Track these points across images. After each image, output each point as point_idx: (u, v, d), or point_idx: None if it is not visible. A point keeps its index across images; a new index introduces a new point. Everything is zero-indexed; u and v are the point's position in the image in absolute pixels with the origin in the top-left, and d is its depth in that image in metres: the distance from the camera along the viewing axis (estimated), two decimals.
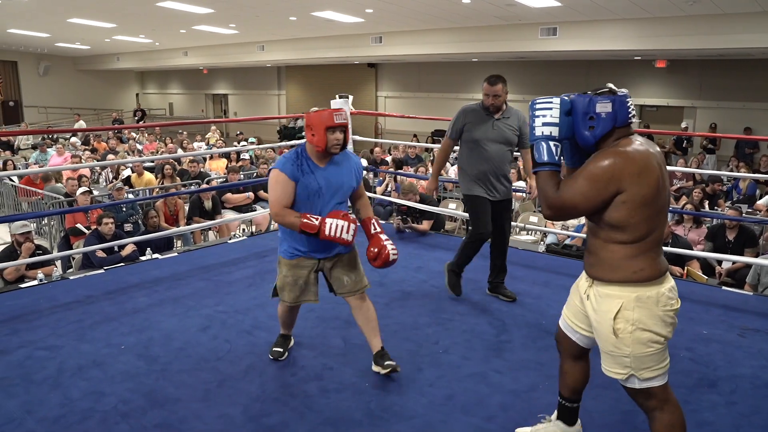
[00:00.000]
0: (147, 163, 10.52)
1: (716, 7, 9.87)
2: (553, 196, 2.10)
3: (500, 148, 4.07)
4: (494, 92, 4.00)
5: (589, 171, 2.03)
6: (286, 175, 2.88)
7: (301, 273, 3.07)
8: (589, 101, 2.11)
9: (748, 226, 6.20)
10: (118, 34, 17.21)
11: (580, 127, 2.14)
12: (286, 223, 2.89)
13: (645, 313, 2.06)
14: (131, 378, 3.08)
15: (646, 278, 2.07)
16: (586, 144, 2.15)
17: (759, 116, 13.55)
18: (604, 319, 2.11)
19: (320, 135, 2.84)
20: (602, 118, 2.09)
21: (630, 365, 2.10)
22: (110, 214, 5.89)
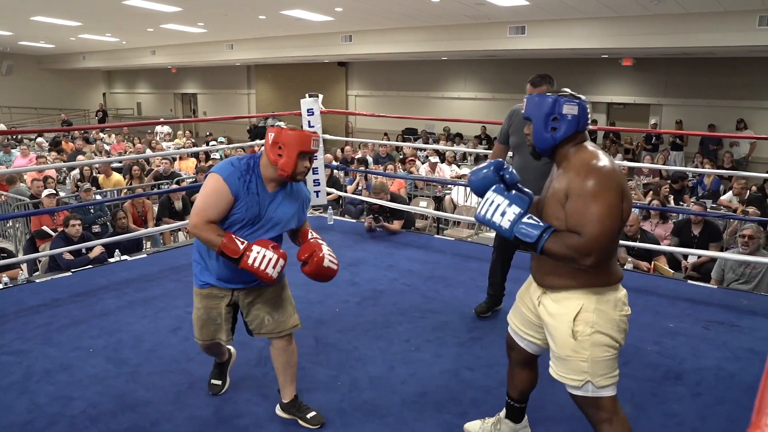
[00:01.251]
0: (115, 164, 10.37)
1: (680, 6, 10.06)
2: (579, 245, 1.92)
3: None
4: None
5: (592, 192, 1.91)
6: (228, 186, 2.36)
7: (215, 305, 2.60)
8: (555, 102, 2.04)
9: (713, 221, 6.33)
10: (84, 32, 16.91)
11: (541, 128, 2.06)
12: (204, 238, 2.38)
13: (603, 317, 2.04)
14: (100, 381, 3.03)
15: (606, 282, 2.05)
16: (544, 146, 2.08)
17: (722, 113, 13.83)
18: (562, 322, 2.07)
19: (291, 158, 2.35)
20: (567, 120, 2.03)
21: (587, 370, 2.05)
22: (77, 215, 5.80)
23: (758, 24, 9.85)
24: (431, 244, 5.71)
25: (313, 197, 6.41)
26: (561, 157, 2.09)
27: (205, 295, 2.59)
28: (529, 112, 2.11)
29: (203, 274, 2.58)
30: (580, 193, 1.93)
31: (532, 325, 2.28)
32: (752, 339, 3.67)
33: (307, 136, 2.38)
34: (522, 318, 2.33)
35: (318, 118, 6.14)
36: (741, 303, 4.30)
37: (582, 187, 1.93)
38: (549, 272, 2.12)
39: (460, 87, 17.94)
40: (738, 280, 5.10)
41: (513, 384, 2.49)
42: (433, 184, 8.97)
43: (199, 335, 2.68)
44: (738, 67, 13.53)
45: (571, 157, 2.04)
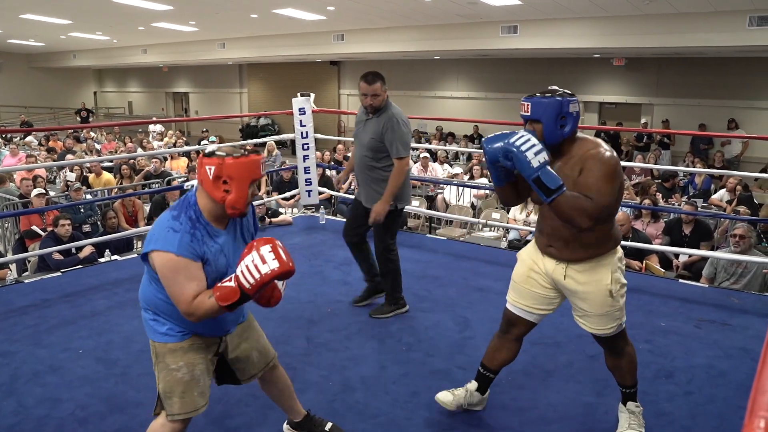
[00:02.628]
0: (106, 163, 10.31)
1: (671, 6, 10.09)
2: (590, 206, 2.20)
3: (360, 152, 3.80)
4: (372, 92, 3.65)
5: (606, 173, 2.22)
6: (186, 258, 1.94)
7: (199, 359, 2.14)
8: (562, 102, 2.28)
9: (704, 221, 6.35)
10: (74, 30, 16.81)
11: (552, 127, 2.28)
12: (205, 314, 1.96)
13: (620, 271, 2.45)
14: (90, 383, 3.01)
15: (616, 244, 2.44)
16: (557, 141, 2.31)
17: (712, 113, 13.89)
18: (599, 287, 2.38)
19: (242, 192, 1.99)
20: (573, 116, 2.30)
21: (620, 317, 2.45)
22: (67, 215, 5.76)
23: (748, 24, 9.89)
24: (423, 243, 5.70)
25: (305, 197, 6.39)
26: (565, 149, 2.34)
27: (186, 348, 2.11)
28: (538, 114, 2.30)
29: (177, 324, 2.11)
30: (595, 171, 2.23)
31: (543, 299, 2.54)
32: (743, 337, 3.68)
33: (255, 161, 2.01)
34: (531, 296, 2.55)
35: (310, 117, 6.12)
36: (732, 302, 4.31)
37: (597, 168, 2.24)
38: (573, 249, 2.39)
39: (453, 86, 17.95)
40: (729, 279, 5.12)
41: (498, 357, 2.70)
42: (425, 184, 8.96)
43: (181, 407, 2.11)
44: (729, 67, 13.60)
45: (576, 147, 2.32)
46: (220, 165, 1.97)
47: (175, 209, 2.03)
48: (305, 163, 6.29)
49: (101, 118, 26.93)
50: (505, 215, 7.34)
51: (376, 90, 3.64)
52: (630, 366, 2.60)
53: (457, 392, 2.76)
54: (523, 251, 2.66)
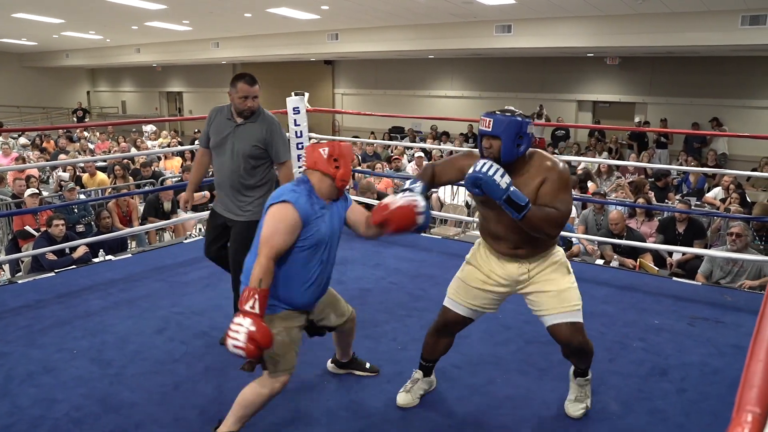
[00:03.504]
0: (99, 163, 10.28)
1: (664, 5, 10.13)
2: (558, 216, 2.41)
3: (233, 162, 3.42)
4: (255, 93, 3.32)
5: (564, 184, 2.45)
6: (299, 214, 2.33)
7: (294, 325, 2.52)
8: (522, 122, 2.42)
9: (697, 219, 6.37)
10: (67, 30, 16.76)
11: (510, 145, 2.41)
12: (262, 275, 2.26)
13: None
14: (84, 383, 3.00)
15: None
16: (513, 159, 2.44)
17: (706, 112, 13.95)
18: (559, 266, 2.63)
19: (348, 168, 2.46)
20: (528, 137, 2.45)
21: (579, 297, 2.63)
22: (60, 215, 5.74)
23: (741, 23, 9.95)
24: (418, 242, 5.70)
25: None
26: (519, 165, 2.48)
27: (283, 317, 2.46)
28: (498, 131, 2.41)
29: (278, 302, 2.45)
30: (555, 182, 2.44)
31: (495, 301, 2.75)
32: (736, 335, 3.70)
33: (350, 146, 2.59)
34: (482, 297, 2.72)
35: (304, 116, 6.11)
36: (725, 299, 4.33)
37: (558, 179, 2.44)
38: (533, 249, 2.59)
39: (447, 85, 17.97)
40: (725, 277, 5.14)
41: (437, 350, 2.89)
42: None
43: (286, 365, 2.44)
44: (721, 66, 13.66)
45: (531, 162, 2.49)
46: (333, 146, 2.45)
47: (294, 184, 2.44)
48: (300, 163, 6.28)
49: (95, 117, 26.83)
50: None
51: (257, 92, 3.32)
52: (589, 354, 2.73)
53: (410, 388, 2.90)
54: (474, 257, 2.79)
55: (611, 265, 5.52)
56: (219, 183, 3.48)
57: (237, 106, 3.32)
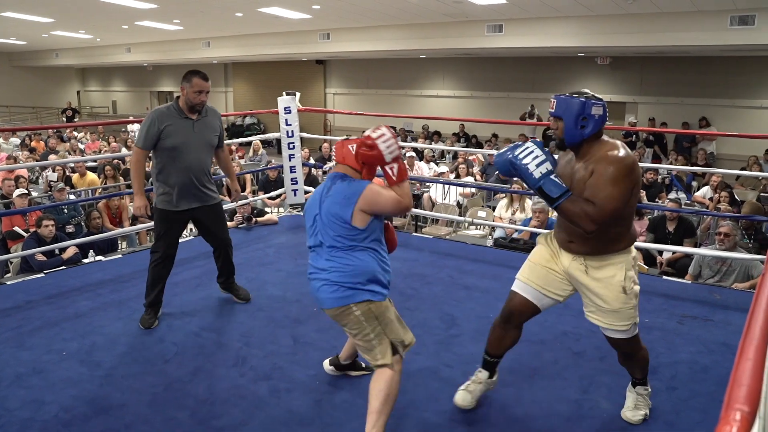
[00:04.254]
0: (90, 163, 10.23)
1: (654, 6, 10.17)
2: (594, 212, 2.30)
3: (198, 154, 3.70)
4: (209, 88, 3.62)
5: (613, 177, 2.28)
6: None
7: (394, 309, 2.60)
8: (585, 103, 2.38)
9: (687, 218, 6.41)
10: (57, 29, 16.66)
11: (572, 126, 2.39)
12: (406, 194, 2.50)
13: (634, 270, 2.51)
14: (74, 385, 2.99)
15: (632, 243, 2.51)
16: (575, 141, 2.41)
17: (695, 111, 14.03)
18: (613, 283, 2.46)
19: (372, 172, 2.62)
20: (594, 119, 2.38)
21: (634, 315, 2.51)
22: (50, 216, 5.70)
23: (729, 24, 10.01)
24: (409, 242, 5.71)
25: (291, 196, 6.38)
26: (585, 149, 2.43)
27: (389, 304, 2.55)
28: (560, 112, 2.42)
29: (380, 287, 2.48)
30: (603, 174, 2.30)
31: (558, 284, 2.62)
32: (725, 333, 3.72)
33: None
34: (548, 278, 2.62)
35: (295, 116, 6.11)
36: (714, 298, 4.35)
37: (606, 170, 2.30)
38: (597, 242, 2.45)
39: (439, 85, 17.98)
40: (714, 276, 5.17)
41: (502, 344, 2.76)
42: (411, 182, 8.96)
43: (406, 336, 2.58)
44: (711, 66, 13.73)
45: (595, 148, 2.39)
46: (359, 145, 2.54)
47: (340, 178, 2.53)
48: (291, 162, 6.27)
49: (85, 117, 26.69)
50: (491, 213, 7.37)
51: (210, 87, 3.63)
52: (644, 363, 2.70)
53: (471, 388, 2.81)
54: (545, 237, 2.72)
55: None
56: (180, 180, 3.65)
57: (191, 100, 3.56)
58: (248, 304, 4.07)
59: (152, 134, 3.54)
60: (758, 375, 0.64)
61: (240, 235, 5.81)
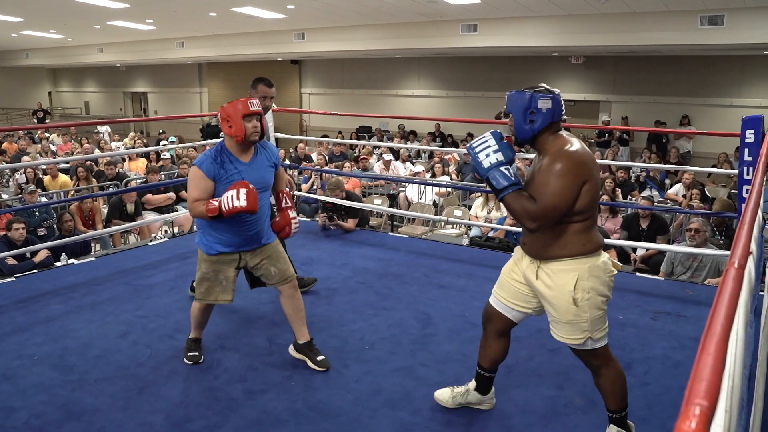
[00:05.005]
0: (61, 165, 10.08)
1: (626, 5, 10.30)
2: (533, 208, 2.24)
3: None
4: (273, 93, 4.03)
5: (557, 172, 2.21)
6: (202, 171, 2.88)
7: (223, 269, 3.05)
8: (531, 98, 2.32)
9: (660, 215, 6.49)
10: (26, 29, 16.38)
11: (520, 121, 2.34)
12: (198, 214, 2.86)
13: (596, 281, 2.31)
14: (45, 390, 2.94)
15: (593, 250, 2.33)
16: (525, 136, 2.36)
17: (668, 110, 14.23)
18: (563, 293, 2.31)
19: (238, 124, 2.85)
20: (543, 113, 2.31)
21: (587, 329, 2.33)
22: (21, 219, 5.61)
23: (699, 24, 10.17)
24: (385, 241, 5.71)
25: None
26: (540, 145, 2.36)
27: (214, 261, 3.02)
28: (509, 107, 2.37)
29: (213, 245, 3.00)
30: (547, 170, 2.24)
31: (523, 296, 2.51)
32: (697, 328, 3.78)
33: (243, 101, 2.88)
34: (511, 291, 2.54)
35: (270, 116, 6.06)
36: (686, 294, 4.42)
37: (550, 165, 2.24)
38: (543, 243, 2.35)
39: (414, 85, 18.01)
40: (686, 272, 5.25)
41: (487, 355, 2.69)
42: (387, 182, 8.97)
43: (201, 296, 3.08)
44: (683, 65, 13.94)
45: (550, 144, 2.32)
46: (223, 109, 2.90)
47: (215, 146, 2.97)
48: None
49: (57, 118, 26.29)
50: (467, 212, 7.40)
51: (274, 93, 4.04)
52: (612, 388, 2.47)
53: (456, 389, 2.80)
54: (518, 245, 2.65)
55: None
56: None
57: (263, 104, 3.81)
58: (222, 306, 4.02)
59: None
60: (718, 370, 0.65)
61: None
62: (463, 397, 2.77)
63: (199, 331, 3.30)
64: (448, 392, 2.80)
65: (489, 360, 2.68)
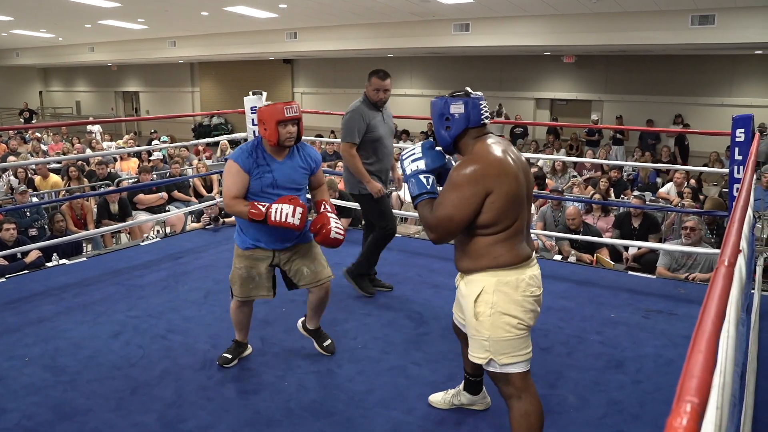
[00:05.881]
0: (53, 165, 10.02)
1: (618, 5, 10.34)
2: (429, 218, 2.17)
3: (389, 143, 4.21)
4: (388, 86, 4.01)
5: (454, 182, 2.10)
6: (238, 165, 2.88)
7: (256, 265, 3.03)
8: (444, 103, 2.23)
9: (652, 214, 6.52)
10: (17, 28, 16.29)
11: (437, 128, 2.26)
12: (236, 212, 2.89)
13: (503, 298, 2.14)
14: (37, 391, 2.92)
15: (505, 263, 2.15)
16: (444, 143, 2.27)
17: (659, 109, 14.30)
18: (468, 303, 2.20)
19: (272, 129, 2.85)
20: (456, 118, 2.21)
21: (489, 349, 2.16)
22: (11, 219, 5.58)
23: (691, 23, 10.23)
24: None
25: None
26: (461, 152, 2.26)
27: (247, 256, 3.02)
28: (431, 114, 2.30)
29: (246, 240, 3.01)
30: (449, 179, 2.14)
31: (461, 308, 2.41)
32: (689, 326, 3.79)
33: (280, 107, 2.86)
34: (459, 305, 2.46)
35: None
36: (678, 292, 4.44)
37: (452, 175, 2.13)
38: (460, 256, 2.27)
39: (406, 84, 18.02)
40: (679, 270, 5.27)
41: (465, 360, 2.65)
42: None
43: (237, 292, 3.07)
44: (674, 65, 14.00)
45: (467, 151, 2.22)
46: (260, 111, 2.91)
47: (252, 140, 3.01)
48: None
49: (48, 118, 26.15)
50: None
51: (389, 85, 4.01)
52: (517, 426, 2.22)
53: (449, 392, 2.81)
54: None
55: (569, 261, 5.61)
56: (383, 166, 4.14)
57: (371, 97, 3.99)
58: (215, 305, 4.04)
59: (361, 129, 3.98)
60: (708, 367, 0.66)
61: (207, 236, 5.76)
62: (456, 398, 2.78)
63: (240, 332, 3.24)
64: (441, 395, 2.83)
65: (470, 366, 2.66)
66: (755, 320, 2.59)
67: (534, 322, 2.22)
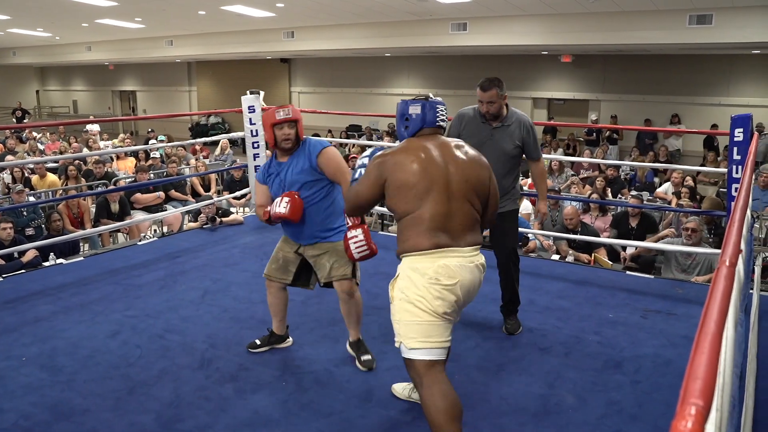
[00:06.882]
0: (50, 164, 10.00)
1: (615, 4, 10.34)
2: (347, 192, 2.58)
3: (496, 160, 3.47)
4: (488, 98, 3.52)
5: (368, 166, 2.43)
6: (257, 179, 3.27)
7: (284, 247, 3.23)
8: (405, 104, 2.47)
9: (650, 213, 6.52)
10: (13, 26, 16.23)
11: (398, 127, 2.50)
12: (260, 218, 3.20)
13: (408, 283, 2.25)
14: (34, 391, 2.91)
15: (413, 248, 2.25)
16: (402, 140, 2.49)
17: (657, 108, 14.31)
18: (393, 286, 2.36)
19: (269, 133, 3.06)
20: (413, 119, 2.44)
21: (399, 332, 2.28)
22: (8, 218, 5.56)
23: (688, 23, 10.23)
24: (376, 240, 5.63)
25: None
26: None
27: (282, 239, 3.28)
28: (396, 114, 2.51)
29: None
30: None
31: None
32: (688, 326, 3.80)
33: (272, 110, 3.03)
34: None
35: (259, 115, 6.06)
36: (676, 292, 4.44)
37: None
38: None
39: (404, 83, 18.01)
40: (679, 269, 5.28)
41: None
42: None
43: (266, 270, 3.28)
44: (671, 64, 14.02)
45: None
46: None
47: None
48: (256, 162, 6.22)
49: (44, 117, 26.08)
50: None
51: (491, 97, 3.50)
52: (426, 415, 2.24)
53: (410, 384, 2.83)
54: None
55: (567, 260, 5.61)
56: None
57: (478, 108, 3.62)
58: (213, 305, 4.03)
59: (453, 133, 3.65)
60: (712, 368, 0.65)
61: (205, 236, 5.75)
62: (414, 392, 2.80)
63: (274, 319, 3.36)
64: (404, 386, 2.89)
65: None
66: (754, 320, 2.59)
67: (450, 311, 2.24)
